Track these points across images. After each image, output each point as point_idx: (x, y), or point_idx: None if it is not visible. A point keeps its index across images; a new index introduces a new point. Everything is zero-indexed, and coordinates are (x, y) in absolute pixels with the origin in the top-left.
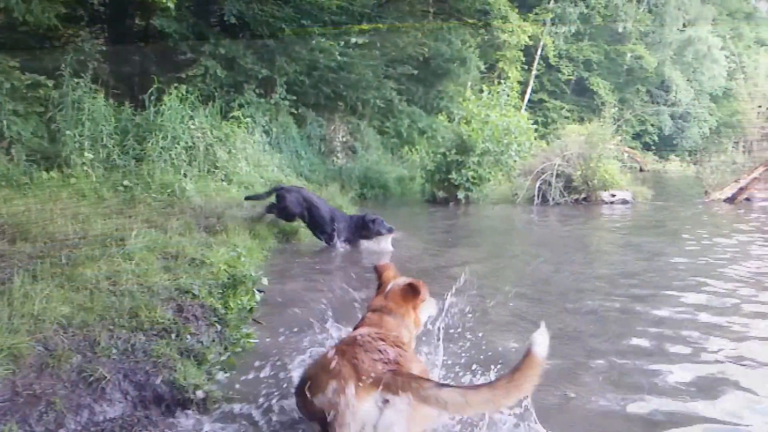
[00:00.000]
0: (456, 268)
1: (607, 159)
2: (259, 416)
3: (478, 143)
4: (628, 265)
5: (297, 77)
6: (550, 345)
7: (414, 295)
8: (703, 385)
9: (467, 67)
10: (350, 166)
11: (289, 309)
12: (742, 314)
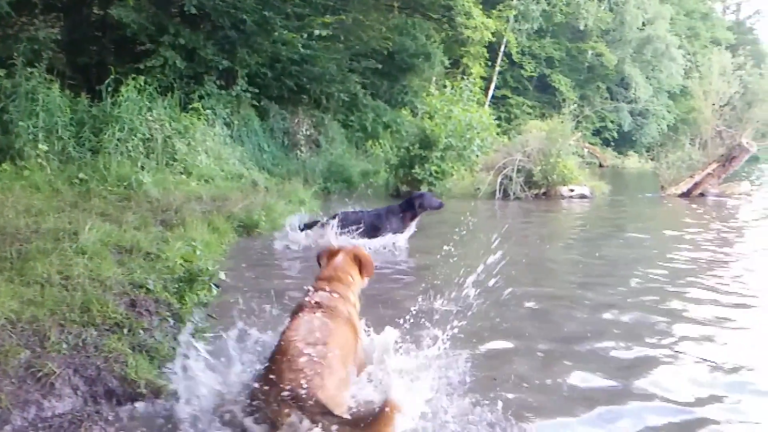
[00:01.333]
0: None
1: (566, 155)
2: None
3: (441, 138)
4: (576, 255)
5: (259, 69)
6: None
7: (362, 266)
8: (638, 363)
9: (431, 62)
10: (314, 159)
11: (246, 303)
12: (675, 298)
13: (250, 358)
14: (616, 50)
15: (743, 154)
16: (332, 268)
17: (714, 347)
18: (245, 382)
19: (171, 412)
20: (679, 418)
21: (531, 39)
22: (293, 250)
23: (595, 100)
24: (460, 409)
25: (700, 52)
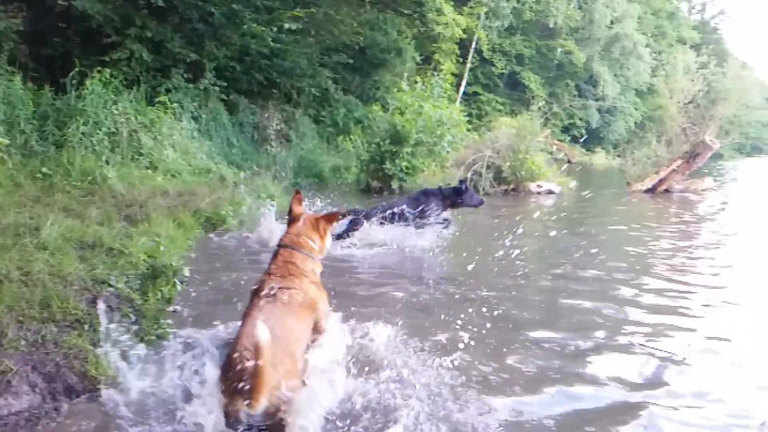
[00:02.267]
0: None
1: (535, 151)
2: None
3: (411, 134)
4: (537, 247)
5: (228, 63)
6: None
7: (325, 227)
8: (591, 349)
9: (403, 57)
10: (284, 154)
11: (211, 298)
12: (631, 288)
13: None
14: (584, 48)
15: (707, 152)
16: (294, 234)
17: (665, 335)
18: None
19: (119, 407)
20: (627, 401)
21: (501, 36)
22: (262, 246)
23: (564, 98)
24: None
25: (666, 51)
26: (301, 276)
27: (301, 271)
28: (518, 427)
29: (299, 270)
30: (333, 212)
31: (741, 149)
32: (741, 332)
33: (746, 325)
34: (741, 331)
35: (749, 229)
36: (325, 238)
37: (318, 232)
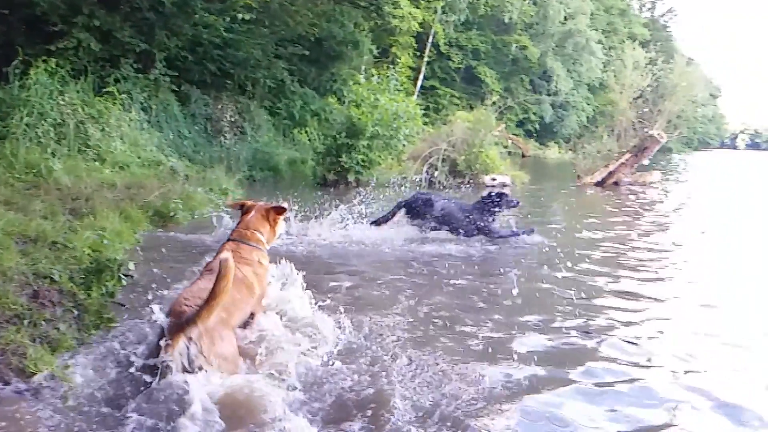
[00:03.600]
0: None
1: (489, 145)
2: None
3: (367, 127)
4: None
5: (179, 52)
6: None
7: (275, 217)
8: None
9: (360, 50)
10: (238, 147)
11: (156, 293)
12: (582, 277)
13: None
14: (539, 44)
15: (654, 145)
16: (246, 225)
17: (623, 323)
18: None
19: (57, 402)
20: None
21: (458, 31)
22: (210, 240)
23: (519, 93)
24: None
25: (618, 47)
26: (245, 264)
27: (245, 260)
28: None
29: (244, 259)
30: (282, 206)
31: (689, 143)
32: (680, 309)
33: (684, 298)
34: (680, 307)
35: (689, 219)
36: (276, 228)
37: (268, 222)
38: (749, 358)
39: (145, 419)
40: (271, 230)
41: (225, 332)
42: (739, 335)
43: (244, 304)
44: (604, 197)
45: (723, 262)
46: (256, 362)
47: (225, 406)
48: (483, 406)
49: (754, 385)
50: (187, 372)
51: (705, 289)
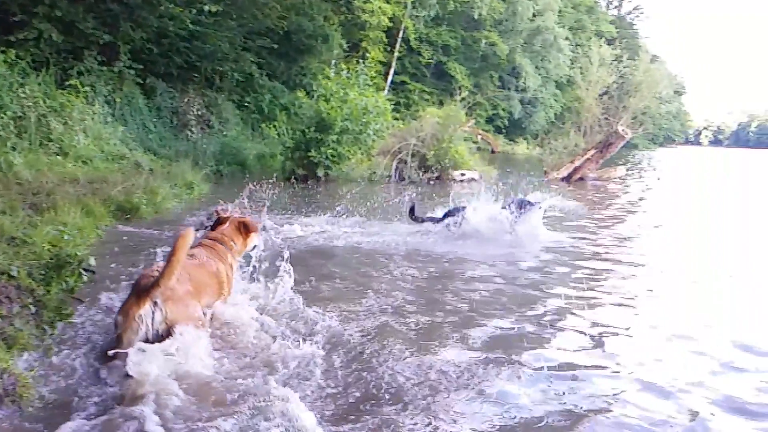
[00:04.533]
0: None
1: (458, 140)
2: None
3: (337, 121)
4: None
5: (144, 45)
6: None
7: (247, 231)
8: (514, 331)
9: (329, 44)
10: (205, 141)
11: (117, 288)
12: (547, 270)
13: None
14: (507, 40)
15: (619, 141)
16: (221, 232)
17: (582, 315)
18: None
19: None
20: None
21: (428, 26)
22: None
23: (488, 89)
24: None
25: (585, 44)
26: (221, 261)
27: (221, 258)
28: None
29: (220, 257)
30: (255, 224)
31: (654, 139)
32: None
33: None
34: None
35: (646, 212)
36: (248, 240)
37: (241, 235)
38: (690, 348)
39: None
40: (243, 242)
41: (191, 301)
42: (682, 326)
43: (210, 293)
44: (568, 192)
45: (674, 253)
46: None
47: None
48: (444, 389)
49: (694, 373)
50: (148, 341)
51: (655, 280)
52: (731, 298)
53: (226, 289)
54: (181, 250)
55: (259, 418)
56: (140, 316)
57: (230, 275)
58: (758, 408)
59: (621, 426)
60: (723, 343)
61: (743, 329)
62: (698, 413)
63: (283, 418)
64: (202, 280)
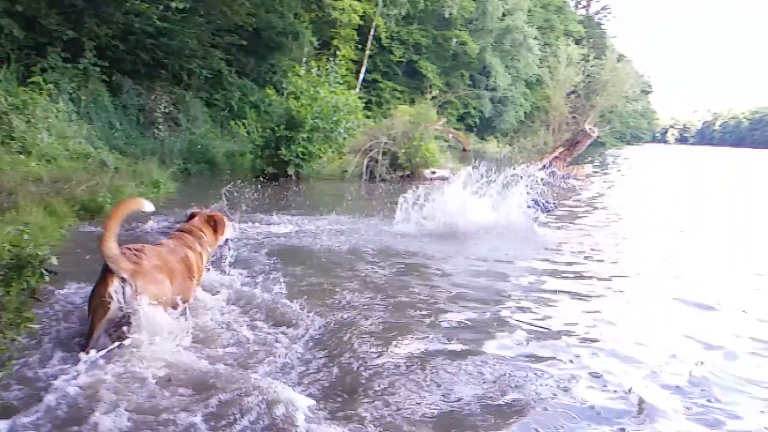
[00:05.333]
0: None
1: (429, 139)
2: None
3: (307, 119)
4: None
5: (110, 41)
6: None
7: (216, 226)
8: (468, 325)
9: (300, 42)
10: (173, 139)
11: (81, 289)
12: (510, 266)
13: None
14: (478, 39)
15: (586, 139)
16: (190, 224)
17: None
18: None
19: None
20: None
21: (399, 25)
22: (136, 234)
23: (459, 87)
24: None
25: (554, 44)
26: (189, 248)
27: (189, 246)
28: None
29: (188, 245)
30: (223, 219)
31: (622, 138)
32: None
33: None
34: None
35: (610, 206)
36: (218, 235)
37: (210, 227)
38: (645, 342)
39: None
40: (213, 235)
41: (159, 275)
42: (639, 321)
43: (180, 278)
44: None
45: (632, 247)
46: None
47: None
48: (406, 379)
49: (647, 364)
50: (123, 319)
51: (611, 270)
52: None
53: (196, 273)
54: (122, 208)
55: (239, 405)
56: (110, 294)
57: (200, 262)
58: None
59: (572, 413)
60: (674, 337)
61: (691, 320)
62: (645, 401)
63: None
64: (169, 262)
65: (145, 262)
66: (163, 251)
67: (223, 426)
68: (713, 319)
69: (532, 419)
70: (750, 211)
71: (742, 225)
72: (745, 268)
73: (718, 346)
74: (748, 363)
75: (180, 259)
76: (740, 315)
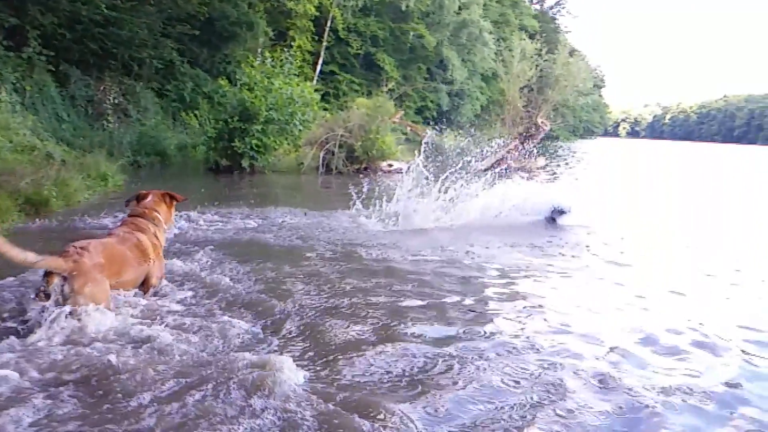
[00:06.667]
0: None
1: (385, 131)
2: None
3: (261, 111)
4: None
5: (56, 30)
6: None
7: (171, 201)
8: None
9: (255, 32)
10: (122, 131)
11: (20, 287)
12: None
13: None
14: (435, 33)
15: (539, 133)
16: (142, 206)
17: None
18: None
19: None
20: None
21: (356, 16)
22: (83, 231)
23: (417, 81)
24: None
25: (509, 38)
26: (141, 232)
27: (141, 230)
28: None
29: (140, 228)
30: (177, 195)
31: (575, 131)
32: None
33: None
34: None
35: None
36: (171, 209)
37: (165, 204)
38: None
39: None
40: (168, 211)
41: (100, 276)
42: (583, 317)
43: (136, 264)
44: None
45: (594, 236)
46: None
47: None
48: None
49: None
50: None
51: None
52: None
53: (152, 254)
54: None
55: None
56: (48, 292)
57: (156, 242)
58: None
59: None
60: (626, 332)
61: (642, 312)
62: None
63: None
64: (119, 254)
65: (85, 261)
66: (112, 244)
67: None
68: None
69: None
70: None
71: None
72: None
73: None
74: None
75: (133, 245)
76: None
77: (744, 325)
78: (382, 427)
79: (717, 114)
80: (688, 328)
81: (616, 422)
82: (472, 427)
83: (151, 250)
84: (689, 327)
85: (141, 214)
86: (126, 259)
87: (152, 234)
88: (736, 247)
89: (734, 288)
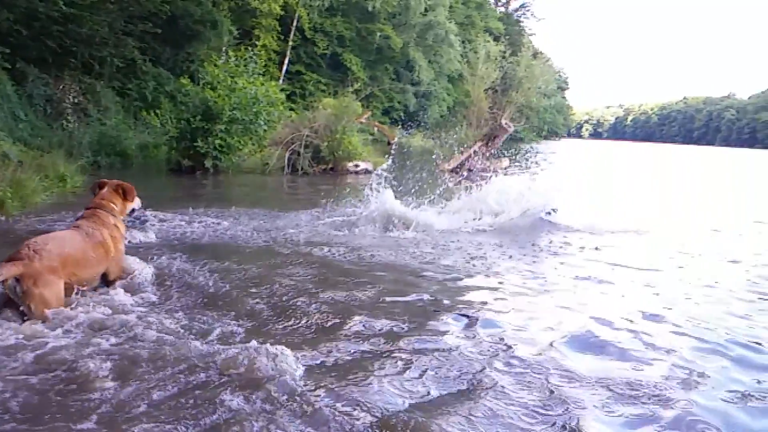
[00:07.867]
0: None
1: (351, 132)
2: None
3: (225, 110)
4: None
5: (12, 27)
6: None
7: (126, 194)
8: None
9: (219, 30)
10: (82, 130)
11: None
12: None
13: None
14: (401, 34)
15: (503, 134)
16: (100, 197)
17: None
18: None
19: None
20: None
21: (323, 16)
22: (43, 228)
23: (384, 81)
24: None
25: (475, 40)
26: (104, 227)
27: (104, 223)
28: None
29: (103, 222)
30: (132, 187)
31: (539, 133)
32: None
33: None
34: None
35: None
36: (127, 202)
37: (120, 196)
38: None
39: None
40: (123, 203)
41: (52, 278)
42: (548, 316)
43: (98, 263)
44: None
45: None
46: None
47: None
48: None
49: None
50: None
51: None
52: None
53: (113, 250)
54: None
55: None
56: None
57: (116, 235)
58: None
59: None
60: (587, 321)
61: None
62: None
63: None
64: (79, 251)
65: (35, 264)
66: (74, 240)
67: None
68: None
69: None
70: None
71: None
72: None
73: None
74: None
75: (97, 244)
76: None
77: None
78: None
79: (677, 115)
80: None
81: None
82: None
83: (112, 245)
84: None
85: (100, 205)
86: (86, 257)
87: (113, 226)
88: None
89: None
